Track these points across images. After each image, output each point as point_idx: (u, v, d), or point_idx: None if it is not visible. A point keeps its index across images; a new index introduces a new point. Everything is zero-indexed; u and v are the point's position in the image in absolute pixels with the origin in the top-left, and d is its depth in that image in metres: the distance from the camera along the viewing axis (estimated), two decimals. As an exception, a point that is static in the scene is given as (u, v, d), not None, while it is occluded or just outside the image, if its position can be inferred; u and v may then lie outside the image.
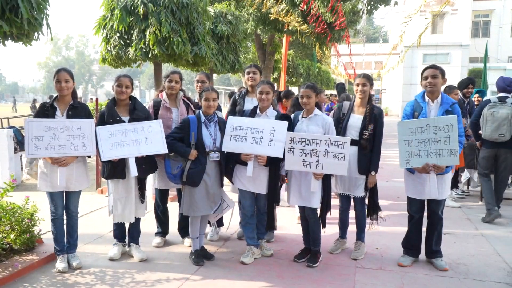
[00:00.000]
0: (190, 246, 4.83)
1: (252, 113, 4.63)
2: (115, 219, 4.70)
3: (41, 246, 4.89)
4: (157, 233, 5.31)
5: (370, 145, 4.57)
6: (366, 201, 4.77)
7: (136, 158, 4.43)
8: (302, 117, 4.57)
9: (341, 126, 4.66)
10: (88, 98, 38.43)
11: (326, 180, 4.49)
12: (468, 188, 8.15)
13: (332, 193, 4.67)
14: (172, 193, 6.25)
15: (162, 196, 5.17)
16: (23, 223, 4.65)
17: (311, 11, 11.12)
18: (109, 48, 7.64)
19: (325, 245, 5.01)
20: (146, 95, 78.61)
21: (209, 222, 5.14)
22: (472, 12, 35.11)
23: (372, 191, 4.67)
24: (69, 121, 4.26)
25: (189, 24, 7.73)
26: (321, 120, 4.49)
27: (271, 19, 12.32)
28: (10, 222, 4.60)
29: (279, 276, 4.38)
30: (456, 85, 7.36)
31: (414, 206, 4.61)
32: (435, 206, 4.52)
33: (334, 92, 18.45)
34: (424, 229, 4.69)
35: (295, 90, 21.34)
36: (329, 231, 5.16)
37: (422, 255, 4.74)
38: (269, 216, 4.77)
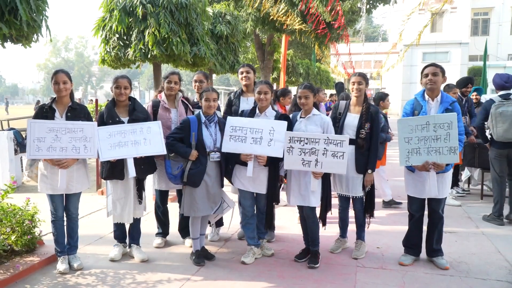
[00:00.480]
0: (191, 247, 4.84)
1: (251, 113, 4.62)
2: (115, 219, 4.71)
3: (42, 248, 4.90)
4: (157, 234, 5.31)
5: (367, 144, 4.58)
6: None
7: (135, 158, 4.44)
8: (301, 117, 4.57)
9: (337, 126, 4.66)
10: (88, 99, 38.50)
11: (325, 179, 4.49)
12: (468, 186, 8.15)
13: (332, 192, 4.67)
14: (172, 193, 6.26)
15: (162, 197, 5.17)
16: (24, 224, 4.66)
17: (310, 10, 11.13)
18: (108, 49, 7.63)
19: (325, 245, 5.01)
20: (145, 95, 78.59)
21: (209, 223, 5.14)
22: (471, 10, 35.12)
23: (369, 189, 4.69)
24: (71, 123, 4.26)
25: (188, 25, 7.72)
26: (319, 119, 4.49)
27: (270, 19, 12.33)
28: (11, 223, 4.61)
29: (280, 276, 4.38)
30: (455, 84, 7.34)
31: (415, 205, 4.61)
32: (436, 205, 4.51)
33: (334, 91, 18.49)
34: (424, 227, 4.69)
35: (293, 89, 21.33)
36: (329, 231, 5.15)
37: (423, 254, 4.74)
38: (268, 215, 4.77)
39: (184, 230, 5.23)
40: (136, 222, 4.82)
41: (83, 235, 5.14)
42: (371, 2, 15.29)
